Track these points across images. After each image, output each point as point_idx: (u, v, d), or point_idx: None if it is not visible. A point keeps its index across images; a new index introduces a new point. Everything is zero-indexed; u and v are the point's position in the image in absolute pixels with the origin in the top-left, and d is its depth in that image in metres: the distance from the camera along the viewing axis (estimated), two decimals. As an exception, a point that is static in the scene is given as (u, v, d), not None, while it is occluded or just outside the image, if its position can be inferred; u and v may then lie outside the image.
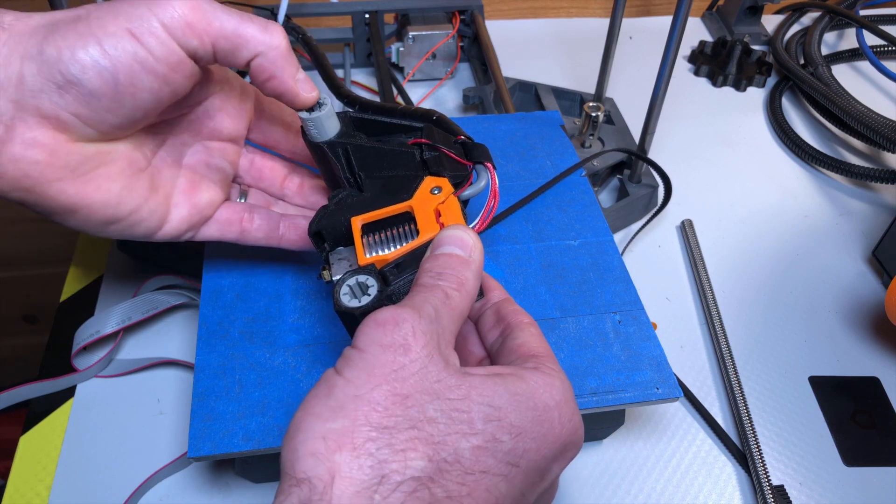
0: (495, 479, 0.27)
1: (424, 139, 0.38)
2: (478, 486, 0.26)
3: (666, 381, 0.40)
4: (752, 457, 0.46)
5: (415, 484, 0.25)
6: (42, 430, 0.47)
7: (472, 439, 0.27)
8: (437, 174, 0.37)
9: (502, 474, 0.27)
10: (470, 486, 0.26)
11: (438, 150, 0.38)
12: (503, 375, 0.29)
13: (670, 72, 0.53)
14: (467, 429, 0.27)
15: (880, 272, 0.59)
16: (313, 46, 0.58)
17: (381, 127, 0.40)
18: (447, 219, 0.35)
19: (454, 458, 0.26)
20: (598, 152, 0.58)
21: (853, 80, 0.80)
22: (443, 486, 0.26)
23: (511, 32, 0.84)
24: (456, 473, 0.26)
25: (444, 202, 0.36)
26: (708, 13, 0.90)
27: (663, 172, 0.58)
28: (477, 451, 0.27)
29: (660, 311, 0.55)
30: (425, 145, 0.38)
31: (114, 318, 0.50)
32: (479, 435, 0.27)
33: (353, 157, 0.38)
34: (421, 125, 0.39)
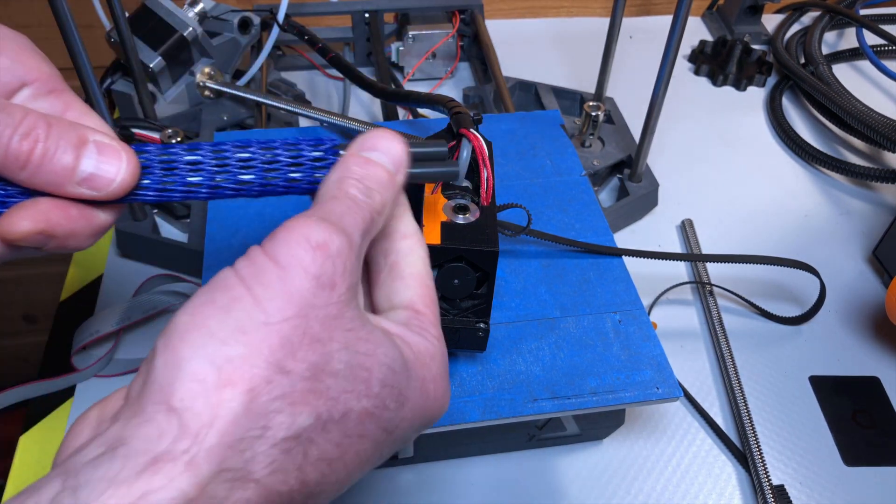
0: (368, 444, 0.25)
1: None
2: (350, 449, 0.24)
3: (666, 380, 0.40)
4: (752, 456, 0.46)
5: (293, 443, 0.22)
6: (42, 430, 0.47)
7: (365, 401, 0.24)
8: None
9: (376, 440, 0.25)
10: (343, 449, 0.24)
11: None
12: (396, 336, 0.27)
13: (670, 71, 0.53)
14: (364, 389, 0.24)
15: (881, 272, 0.59)
16: (324, 44, 0.59)
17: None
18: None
19: (341, 417, 0.24)
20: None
21: (853, 80, 0.80)
22: (319, 446, 0.23)
23: (511, 32, 0.84)
24: (336, 435, 0.23)
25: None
26: (708, 12, 0.90)
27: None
28: (364, 414, 0.24)
29: (660, 310, 0.55)
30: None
31: (113, 318, 0.50)
32: (372, 398, 0.24)
33: None
34: (431, 109, 0.39)
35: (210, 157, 0.28)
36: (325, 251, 0.23)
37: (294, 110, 0.57)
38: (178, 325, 0.22)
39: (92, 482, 0.20)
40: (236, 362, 0.22)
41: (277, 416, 0.22)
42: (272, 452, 0.22)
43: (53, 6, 0.41)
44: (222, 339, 0.22)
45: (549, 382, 0.39)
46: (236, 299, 0.23)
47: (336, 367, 0.23)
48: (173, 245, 0.54)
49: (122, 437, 0.21)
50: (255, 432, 0.22)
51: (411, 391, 0.26)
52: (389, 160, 0.28)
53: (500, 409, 0.38)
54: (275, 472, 0.22)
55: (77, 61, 0.44)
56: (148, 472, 0.20)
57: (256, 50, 0.69)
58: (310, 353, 0.23)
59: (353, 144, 0.28)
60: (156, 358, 0.22)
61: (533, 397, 0.39)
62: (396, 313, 0.28)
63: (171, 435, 0.21)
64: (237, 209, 0.47)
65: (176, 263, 0.55)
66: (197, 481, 0.20)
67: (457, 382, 0.39)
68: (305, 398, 0.23)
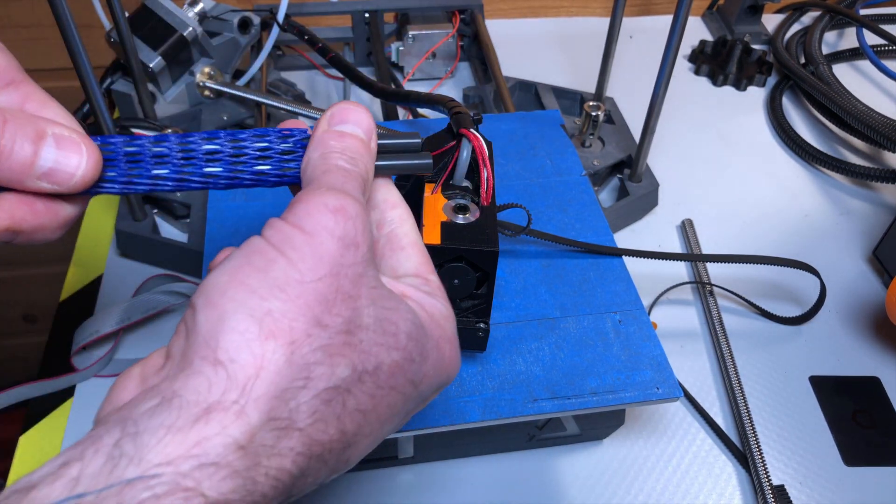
0: (398, 396, 0.26)
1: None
2: (383, 401, 0.25)
3: (666, 380, 0.40)
4: (752, 456, 0.46)
5: (333, 393, 0.23)
6: (42, 430, 0.47)
7: (394, 354, 0.25)
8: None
9: (404, 393, 0.26)
10: (377, 401, 0.25)
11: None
12: (410, 299, 0.28)
13: (670, 71, 0.53)
14: (393, 342, 0.25)
15: (881, 272, 0.59)
16: (324, 44, 0.59)
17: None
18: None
19: (374, 369, 0.25)
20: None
21: (854, 80, 0.80)
22: (356, 397, 0.24)
23: (511, 32, 0.84)
24: (370, 386, 0.25)
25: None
26: (708, 12, 0.90)
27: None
28: (394, 366, 0.25)
29: (660, 310, 0.55)
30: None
31: (113, 318, 0.49)
32: (400, 351, 0.25)
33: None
34: (431, 108, 0.39)
35: (176, 150, 0.27)
36: (344, 214, 0.25)
37: (294, 110, 0.57)
38: (219, 284, 0.23)
39: (151, 429, 0.21)
40: (276, 316, 0.23)
41: (318, 367, 0.23)
42: (314, 403, 0.23)
43: (53, 6, 0.41)
44: (262, 296, 0.23)
45: (549, 382, 0.39)
46: (272, 261, 0.24)
47: (367, 321, 0.25)
48: (173, 245, 0.54)
49: (173, 390, 0.22)
50: (299, 383, 0.23)
51: (430, 349, 0.27)
52: (360, 129, 0.29)
53: (500, 409, 0.38)
54: (317, 421, 0.23)
55: (77, 61, 0.44)
56: (202, 420, 0.21)
57: (256, 50, 0.68)
58: (343, 308, 0.24)
59: (322, 121, 0.29)
60: (197, 314, 0.23)
61: (533, 397, 0.39)
62: (408, 279, 0.29)
63: (220, 386, 0.22)
64: (237, 209, 0.47)
65: (176, 263, 0.55)
66: (247, 429, 0.21)
67: (457, 382, 0.39)
68: (342, 350, 0.24)
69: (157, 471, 0.20)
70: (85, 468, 0.20)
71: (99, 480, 0.20)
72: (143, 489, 0.20)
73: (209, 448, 0.21)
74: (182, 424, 0.21)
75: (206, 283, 0.24)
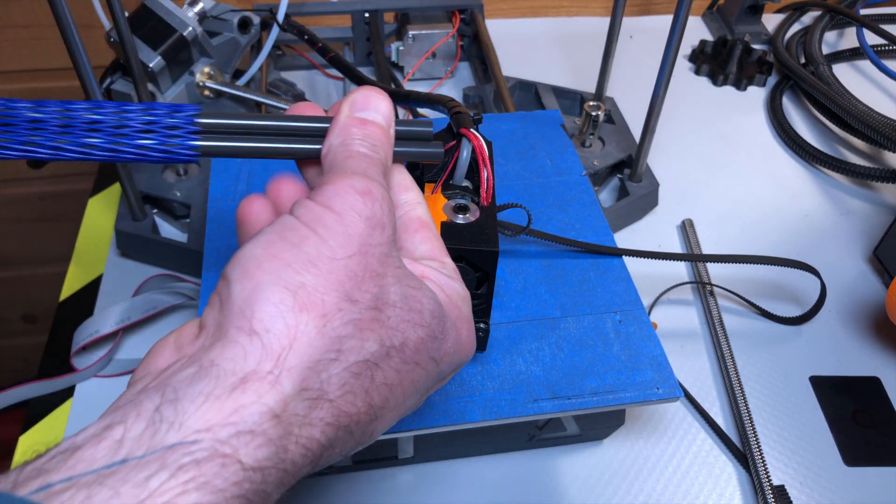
0: (421, 372, 0.27)
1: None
2: (408, 376, 0.26)
3: (666, 381, 0.40)
4: (752, 457, 0.46)
5: (363, 367, 0.24)
6: (41, 430, 0.47)
7: (419, 330, 0.26)
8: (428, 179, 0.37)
9: (426, 370, 0.27)
10: (402, 376, 0.26)
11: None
12: (429, 280, 0.28)
13: (671, 71, 0.53)
14: (418, 319, 0.26)
15: (881, 271, 0.59)
16: (324, 44, 0.59)
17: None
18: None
19: (401, 345, 0.25)
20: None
21: (854, 80, 0.80)
22: (383, 371, 0.25)
23: (511, 31, 0.83)
24: (397, 361, 0.25)
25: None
26: (708, 12, 0.90)
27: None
28: (419, 342, 0.26)
29: (660, 310, 0.55)
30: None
31: (113, 318, 0.49)
32: (425, 328, 0.26)
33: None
34: (431, 108, 0.39)
35: (55, 117, 0.27)
36: (371, 196, 0.26)
37: (294, 110, 0.57)
38: (254, 255, 0.24)
39: (190, 396, 0.21)
40: (309, 289, 0.23)
41: (348, 340, 0.24)
42: (344, 375, 0.24)
43: (53, 6, 0.41)
44: (296, 270, 0.24)
45: (549, 382, 0.39)
46: (304, 238, 0.24)
47: (393, 298, 0.25)
48: (173, 245, 0.54)
49: (210, 358, 0.22)
50: (330, 355, 0.23)
51: (449, 328, 0.28)
52: (381, 116, 0.30)
53: (500, 410, 0.38)
54: (346, 393, 0.24)
55: (77, 61, 0.44)
56: (238, 389, 0.22)
57: (256, 50, 0.68)
58: (371, 285, 0.25)
59: (344, 107, 0.30)
60: (232, 285, 0.24)
61: (533, 397, 0.39)
62: (425, 261, 0.30)
63: (256, 356, 0.22)
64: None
65: (175, 263, 0.55)
66: (281, 398, 0.22)
67: (457, 382, 0.39)
68: (371, 325, 0.25)
69: (196, 437, 0.20)
70: (128, 431, 0.20)
71: (141, 444, 0.20)
72: (184, 454, 0.20)
73: (246, 416, 0.21)
74: (220, 392, 0.21)
75: (241, 255, 0.25)
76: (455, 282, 0.29)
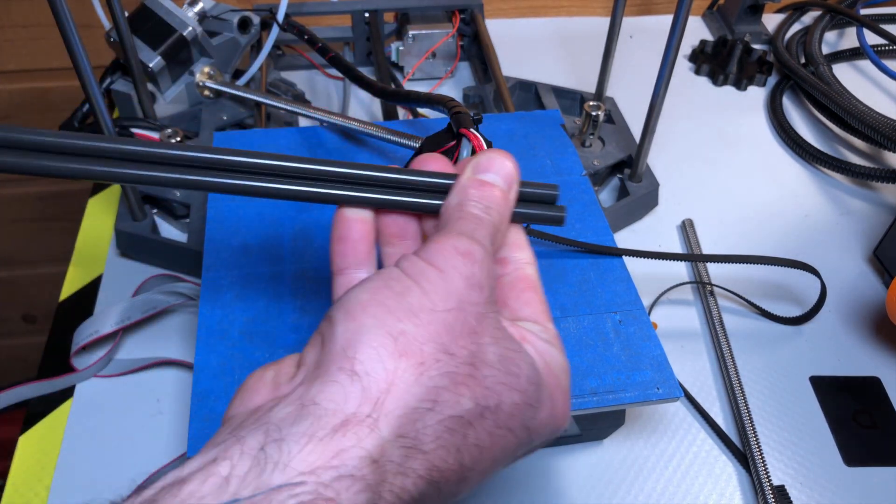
0: (513, 439, 0.26)
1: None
2: (499, 441, 0.26)
3: (666, 381, 0.40)
4: (752, 457, 0.46)
5: (456, 422, 0.24)
6: (41, 430, 0.47)
7: (515, 395, 0.26)
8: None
9: (518, 437, 0.27)
10: (494, 439, 0.26)
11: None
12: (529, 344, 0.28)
13: (671, 71, 0.52)
14: (515, 383, 0.26)
15: (881, 272, 0.59)
16: (324, 44, 0.59)
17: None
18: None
19: (495, 407, 0.25)
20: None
21: (854, 79, 0.80)
22: (476, 431, 0.25)
23: (511, 31, 0.83)
24: (490, 423, 0.25)
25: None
26: (708, 12, 0.90)
27: None
28: (514, 407, 0.26)
29: (660, 310, 0.55)
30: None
31: (113, 318, 0.49)
32: (521, 393, 0.26)
33: None
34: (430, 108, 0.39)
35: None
36: (471, 258, 0.27)
37: (294, 110, 0.57)
38: (360, 300, 0.25)
39: (294, 436, 0.22)
40: (409, 337, 0.24)
41: (444, 392, 0.24)
42: (438, 428, 0.24)
43: (53, 6, 0.41)
44: (398, 317, 0.25)
45: (550, 383, 0.39)
46: (408, 288, 0.26)
47: (490, 358, 0.26)
48: (173, 245, 0.54)
49: (311, 396, 0.23)
50: (426, 405, 0.24)
51: (545, 397, 0.28)
52: (502, 179, 0.30)
53: (500, 410, 0.38)
54: (439, 447, 0.24)
55: (76, 61, 0.44)
56: (340, 431, 0.22)
57: (256, 49, 0.68)
58: (468, 341, 0.25)
59: (467, 168, 0.30)
60: (335, 326, 0.25)
61: (533, 397, 0.39)
62: (527, 324, 0.30)
63: (356, 398, 0.23)
64: (237, 209, 0.47)
65: (175, 263, 0.55)
66: (379, 443, 0.22)
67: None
68: (466, 381, 0.25)
69: (301, 479, 0.21)
70: (234, 469, 0.21)
71: (247, 483, 0.21)
72: (289, 496, 0.20)
73: (347, 459, 0.22)
74: (322, 434, 0.22)
75: (347, 298, 0.25)
76: (556, 349, 0.29)
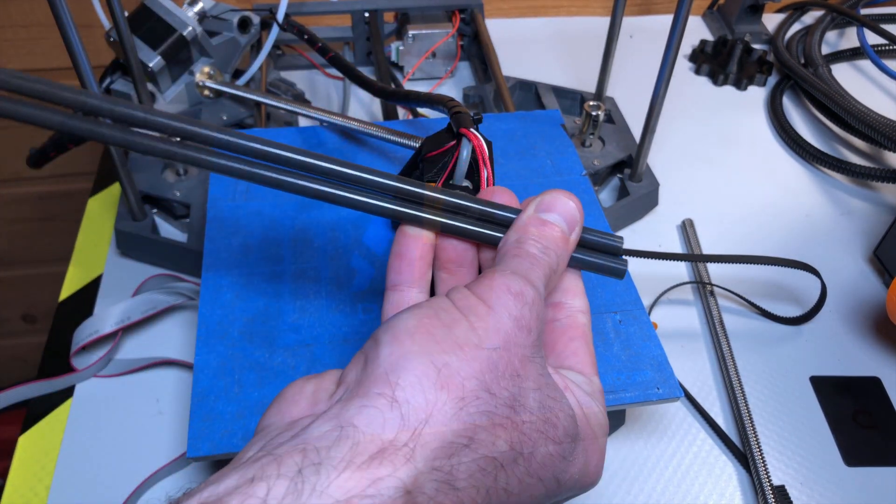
0: (542, 489, 0.26)
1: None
2: (528, 489, 0.25)
3: (666, 381, 0.40)
4: (752, 457, 0.46)
5: (490, 463, 0.24)
6: (41, 430, 0.47)
7: (551, 446, 0.26)
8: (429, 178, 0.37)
9: (547, 489, 0.26)
10: (524, 487, 0.25)
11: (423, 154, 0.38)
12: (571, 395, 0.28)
13: (671, 71, 0.52)
14: (552, 433, 0.26)
15: (881, 271, 0.59)
16: (324, 44, 0.59)
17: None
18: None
19: (529, 455, 0.25)
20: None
21: (854, 80, 0.80)
22: (507, 476, 0.25)
23: (511, 31, 0.83)
24: (522, 470, 0.25)
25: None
26: (709, 12, 0.90)
27: None
28: (547, 458, 0.26)
29: (660, 310, 0.55)
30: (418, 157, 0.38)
31: (113, 318, 0.49)
32: (557, 444, 0.26)
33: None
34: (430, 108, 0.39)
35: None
36: (522, 299, 0.26)
37: (294, 110, 0.57)
38: (407, 325, 0.25)
39: (332, 460, 0.22)
40: (453, 370, 0.24)
41: (481, 431, 0.24)
42: (472, 466, 0.23)
43: (53, 6, 0.41)
44: (443, 348, 0.24)
45: (550, 382, 0.39)
46: (456, 321, 0.25)
47: (531, 404, 0.25)
48: (173, 245, 0.54)
49: (348, 418, 0.23)
50: (462, 440, 0.23)
51: (579, 452, 0.27)
52: (564, 221, 0.30)
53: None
54: (470, 486, 0.23)
55: (76, 61, 0.44)
56: (377, 459, 0.22)
57: (256, 49, 0.68)
58: (510, 384, 0.25)
59: (531, 206, 0.30)
60: (381, 347, 0.24)
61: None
62: (572, 374, 0.29)
63: (394, 426, 0.23)
64: (237, 209, 0.47)
65: (175, 263, 0.55)
66: (414, 474, 0.22)
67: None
68: (504, 423, 0.24)
69: None
70: (271, 490, 0.21)
71: None
72: None
73: (382, 488, 0.21)
74: (360, 461, 0.22)
75: (395, 322, 0.25)
76: (597, 404, 0.29)
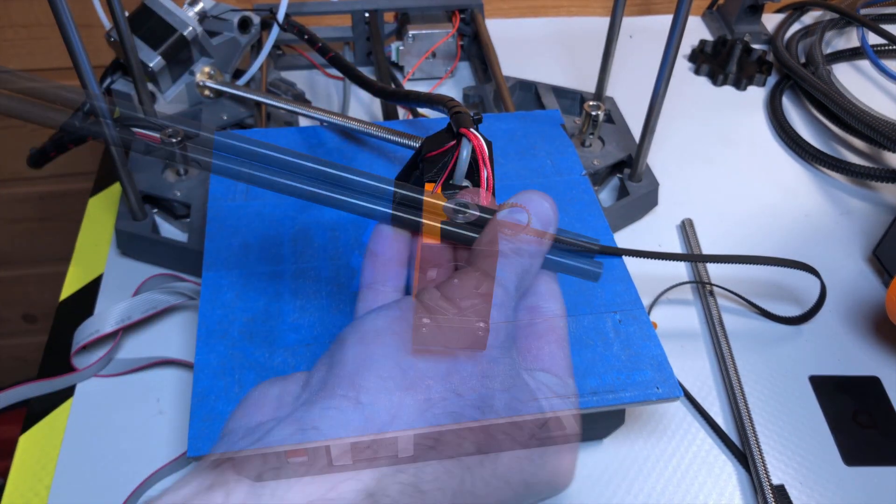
0: (510, 493, 0.26)
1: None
2: (495, 493, 0.25)
3: (666, 380, 0.40)
4: (752, 456, 0.46)
5: (455, 466, 0.24)
6: (41, 430, 0.47)
7: (519, 449, 0.26)
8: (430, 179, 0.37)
9: (515, 492, 0.26)
10: (490, 489, 0.25)
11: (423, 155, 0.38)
12: (544, 399, 0.28)
13: (671, 71, 0.52)
14: (518, 435, 0.26)
15: (881, 271, 0.59)
16: (324, 44, 0.59)
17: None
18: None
19: (495, 457, 0.25)
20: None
21: (854, 80, 0.80)
22: (473, 478, 0.25)
23: (511, 31, 0.84)
24: (488, 472, 0.25)
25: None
26: (708, 12, 0.90)
27: None
28: (515, 461, 0.26)
29: (660, 310, 0.55)
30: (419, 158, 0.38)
31: (113, 318, 0.50)
32: (526, 448, 0.26)
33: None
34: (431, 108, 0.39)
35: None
36: (488, 300, 0.26)
37: (294, 110, 0.57)
38: (375, 326, 0.25)
39: (291, 465, 0.22)
40: (419, 371, 0.24)
41: (447, 433, 0.24)
42: (438, 469, 0.23)
43: (53, 6, 0.41)
44: (409, 350, 0.24)
45: (549, 382, 0.39)
46: (423, 323, 0.25)
47: (498, 405, 0.25)
48: (173, 245, 0.54)
49: (312, 422, 0.23)
50: (428, 442, 0.23)
51: (551, 454, 0.27)
52: (538, 221, 0.30)
53: (500, 409, 0.38)
54: (437, 489, 0.23)
55: (77, 61, 0.44)
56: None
57: (256, 49, 0.68)
58: (478, 385, 0.25)
59: (506, 206, 0.30)
60: (346, 349, 0.24)
61: (533, 397, 0.39)
62: (545, 377, 0.29)
63: (356, 428, 0.22)
64: (237, 209, 0.47)
65: (175, 263, 0.55)
66: (377, 477, 0.22)
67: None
68: (470, 425, 0.24)
69: None
70: (229, 496, 0.21)
71: None
72: None
73: (343, 492, 0.21)
74: (321, 465, 0.22)
75: (362, 323, 0.25)
76: (569, 407, 0.29)
